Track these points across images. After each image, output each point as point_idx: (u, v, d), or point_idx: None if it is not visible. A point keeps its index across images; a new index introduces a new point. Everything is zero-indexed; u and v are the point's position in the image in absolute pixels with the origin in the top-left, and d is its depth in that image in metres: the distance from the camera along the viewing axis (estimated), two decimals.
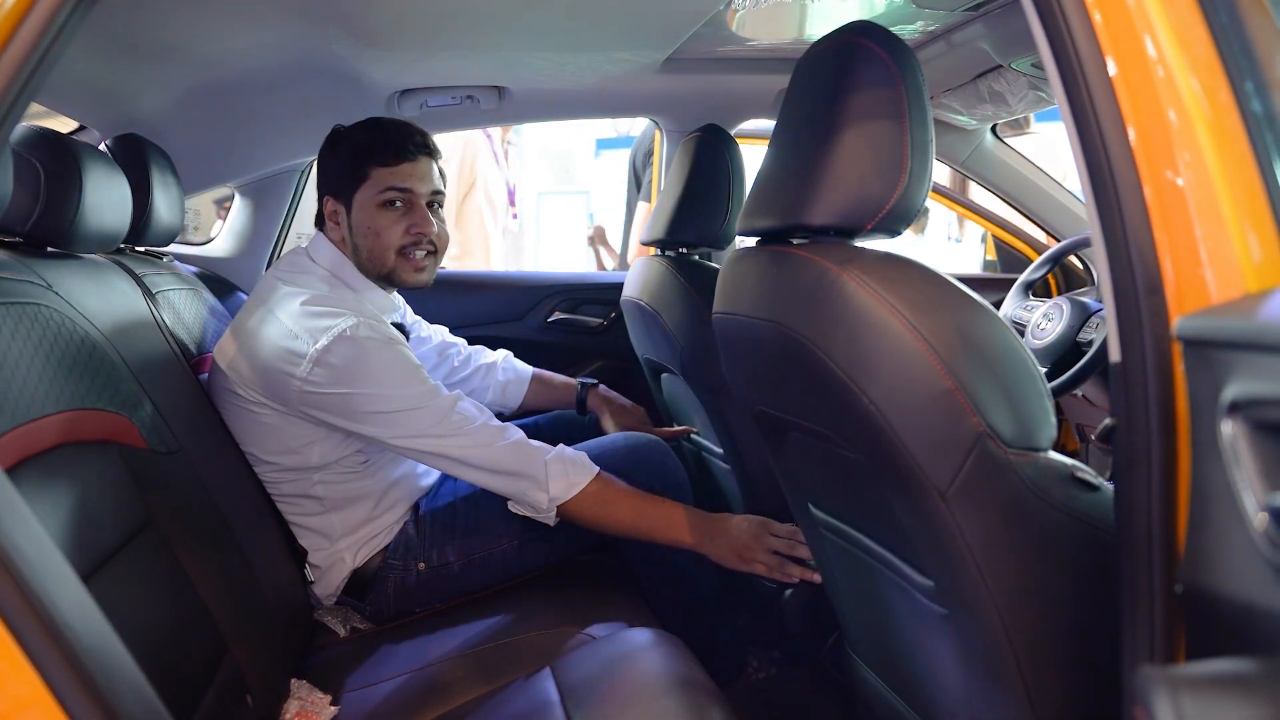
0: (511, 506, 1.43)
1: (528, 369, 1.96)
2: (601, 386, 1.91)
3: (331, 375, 1.33)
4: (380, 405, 1.35)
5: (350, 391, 1.34)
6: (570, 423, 1.90)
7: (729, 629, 1.70)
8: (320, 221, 1.54)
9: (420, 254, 1.49)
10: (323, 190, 1.52)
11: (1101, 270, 0.70)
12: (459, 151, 3.38)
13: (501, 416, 2.01)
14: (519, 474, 1.38)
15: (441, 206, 1.54)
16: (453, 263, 3.36)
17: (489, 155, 3.48)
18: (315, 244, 1.53)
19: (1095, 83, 0.69)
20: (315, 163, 2.30)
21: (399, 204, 1.46)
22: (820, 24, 1.73)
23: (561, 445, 1.44)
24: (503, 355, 1.97)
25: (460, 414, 1.38)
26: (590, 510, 1.40)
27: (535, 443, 1.41)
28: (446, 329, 1.95)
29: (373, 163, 1.45)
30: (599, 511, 1.40)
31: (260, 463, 1.45)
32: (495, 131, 3.53)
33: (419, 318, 1.91)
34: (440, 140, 1.62)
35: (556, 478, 1.37)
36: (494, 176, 3.51)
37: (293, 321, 1.36)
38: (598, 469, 1.41)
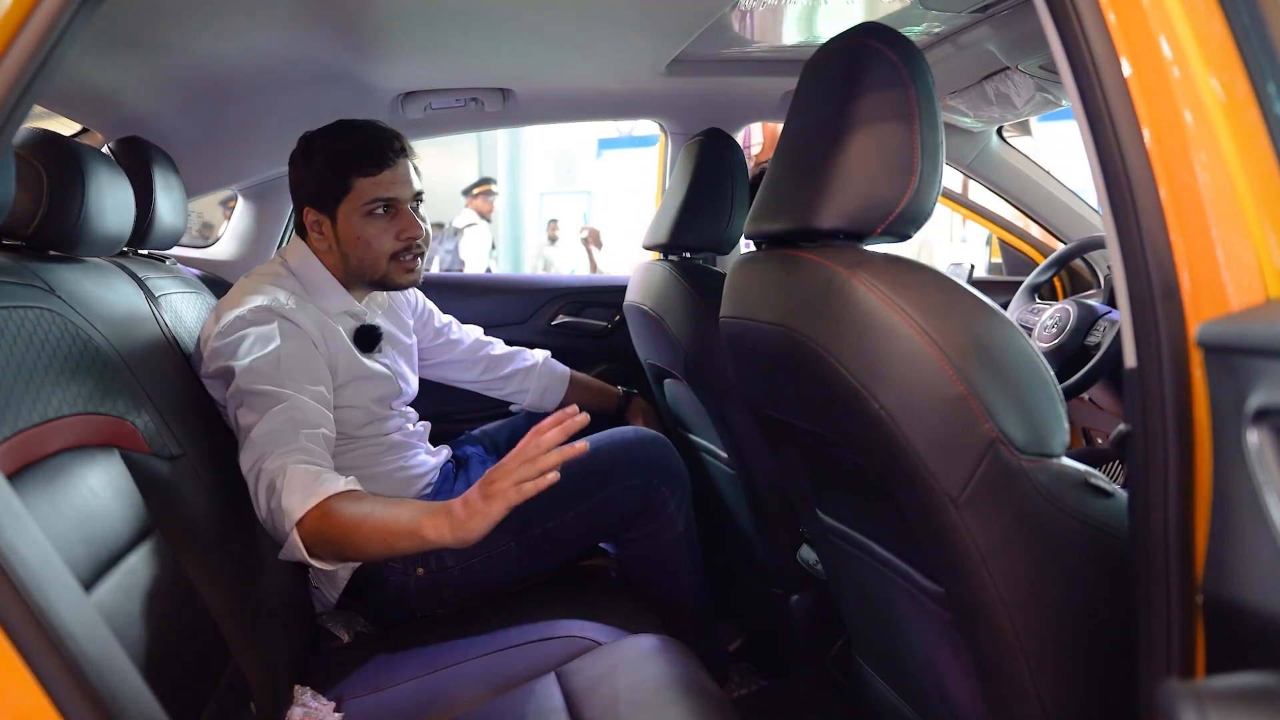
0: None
1: (565, 371, 1.95)
2: (640, 399, 1.92)
3: (224, 346, 1.33)
4: (238, 375, 1.29)
5: (226, 362, 1.32)
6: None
7: (710, 639, 1.68)
8: (301, 230, 1.51)
9: (410, 257, 1.50)
10: (301, 200, 1.49)
11: (1117, 274, 0.69)
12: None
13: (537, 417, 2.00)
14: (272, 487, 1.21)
15: (422, 203, 1.53)
16: None
17: None
18: (291, 248, 1.52)
19: (1110, 84, 0.68)
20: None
21: (384, 211, 1.46)
22: (825, 26, 1.72)
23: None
24: (543, 356, 1.95)
25: (284, 432, 1.25)
26: (323, 534, 1.18)
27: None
28: (481, 330, 1.94)
29: (354, 173, 1.44)
30: (333, 537, 1.18)
31: None
32: None
33: (450, 318, 1.89)
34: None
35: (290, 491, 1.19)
36: None
37: (224, 302, 1.40)
38: (332, 492, 1.19)
